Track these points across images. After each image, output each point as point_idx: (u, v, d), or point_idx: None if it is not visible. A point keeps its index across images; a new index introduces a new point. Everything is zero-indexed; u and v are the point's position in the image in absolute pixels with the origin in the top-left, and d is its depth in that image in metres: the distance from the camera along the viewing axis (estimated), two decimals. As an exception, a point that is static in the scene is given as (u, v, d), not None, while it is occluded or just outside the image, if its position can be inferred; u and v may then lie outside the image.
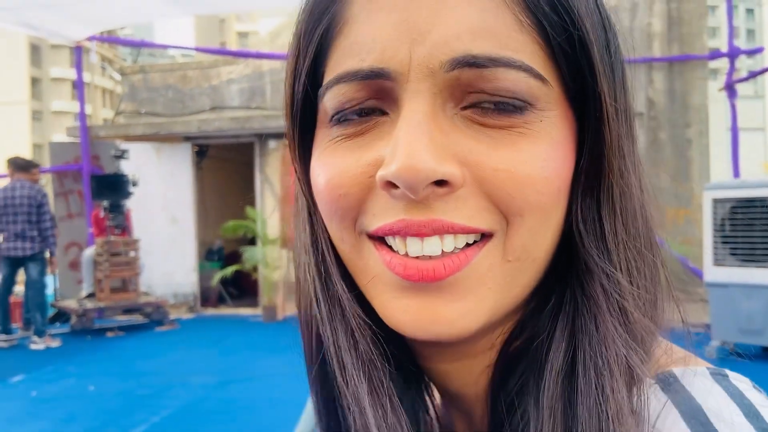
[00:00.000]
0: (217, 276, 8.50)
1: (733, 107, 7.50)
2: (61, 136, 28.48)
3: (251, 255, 8.18)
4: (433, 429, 0.41)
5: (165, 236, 8.98)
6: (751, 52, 8.48)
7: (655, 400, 0.30)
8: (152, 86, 9.11)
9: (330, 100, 0.33)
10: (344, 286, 0.36)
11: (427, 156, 0.29)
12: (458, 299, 0.31)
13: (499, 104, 0.31)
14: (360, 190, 0.32)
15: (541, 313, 0.34)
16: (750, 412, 0.29)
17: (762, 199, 5.33)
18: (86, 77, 9.01)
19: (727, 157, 7.55)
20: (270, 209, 8.58)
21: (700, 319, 6.78)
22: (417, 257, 0.31)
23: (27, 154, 26.45)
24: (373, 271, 0.33)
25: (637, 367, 0.30)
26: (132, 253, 7.62)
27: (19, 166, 6.59)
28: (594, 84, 0.32)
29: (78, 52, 8.64)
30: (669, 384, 0.31)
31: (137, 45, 13.38)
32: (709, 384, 0.30)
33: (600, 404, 0.29)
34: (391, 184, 0.30)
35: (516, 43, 0.31)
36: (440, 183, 0.30)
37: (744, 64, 23.79)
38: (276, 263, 8.25)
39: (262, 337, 7.31)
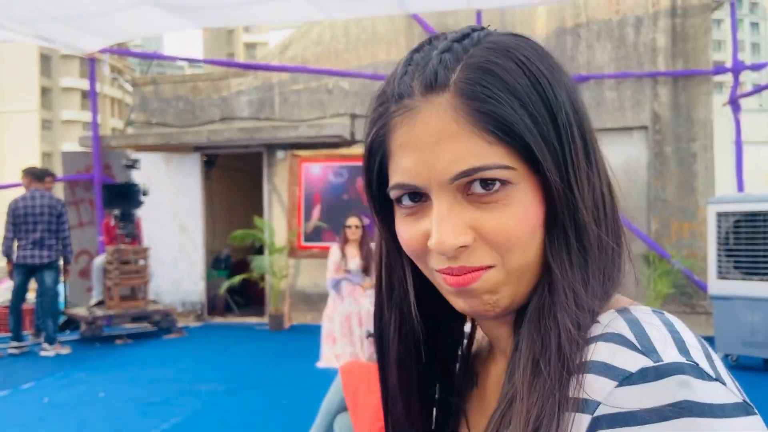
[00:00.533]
0: (225, 285, 8.56)
1: (737, 122, 7.54)
2: (71, 145, 28.65)
3: (258, 264, 8.23)
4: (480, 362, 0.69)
5: (174, 245, 9.06)
6: (755, 68, 8.43)
7: (610, 316, 0.51)
8: (163, 97, 9.24)
9: (393, 195, 0.57)
10: (413, 288, 0.63)
11: (451, 235, 0.52)
12: (492, 297, 0.54)
13: (487, 186, 0.52)
14: (422, 250, 0.56)
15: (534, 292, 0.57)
16: (667, 322, 0.50)
17: (765, 213, 5.37)
18: (96, 87, 9.14)
19: (732, 170, 7.58)
20: (278, 218, 8.65)
21: (704, 331, 6.80)
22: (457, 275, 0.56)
23: (36, 162, 26.68)
24: (442, 285, 0.57)
25: (579, 316, 0.51)
26: (141, 262, 7.69)
27: (36, 175, 6.72)
28: (540, 165, 0.53)
29: (91, 64, 8.79)
30: (620, 310, 0.51)
31: (149, 57, 13.55)
32: (647, 312, 0.51)
33: (554, 327, 0.51)
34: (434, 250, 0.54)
35: (489, 153, 0.51)
36: (461, 246, 0.52)
37: (749, 77, 23.77)
38: (283, 272, 8.31)
39: (269, 345, 7.37)
